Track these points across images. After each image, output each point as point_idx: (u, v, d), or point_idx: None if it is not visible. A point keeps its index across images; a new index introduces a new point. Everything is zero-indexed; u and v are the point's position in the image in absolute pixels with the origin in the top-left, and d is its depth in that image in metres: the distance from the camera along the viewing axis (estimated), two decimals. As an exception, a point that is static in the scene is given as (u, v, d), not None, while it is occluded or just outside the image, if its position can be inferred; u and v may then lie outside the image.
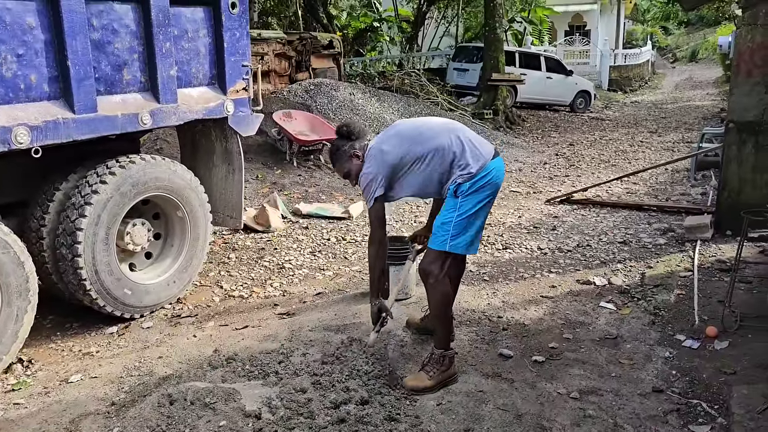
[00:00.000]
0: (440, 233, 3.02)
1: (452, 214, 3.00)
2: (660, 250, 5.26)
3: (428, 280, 3.07)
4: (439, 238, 3.03)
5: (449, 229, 3.00)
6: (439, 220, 3.06)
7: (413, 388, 3.04)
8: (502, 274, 4.79)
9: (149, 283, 4.09)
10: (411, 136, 3.09)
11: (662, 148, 11.00)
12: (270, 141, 8.80)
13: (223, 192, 4.75)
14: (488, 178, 3.02)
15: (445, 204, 3.06)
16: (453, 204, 3.01)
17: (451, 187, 3.03)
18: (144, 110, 3.81)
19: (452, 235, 3.00)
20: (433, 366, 3.09)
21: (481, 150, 3.09)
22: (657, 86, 26.28)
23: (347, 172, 3.20)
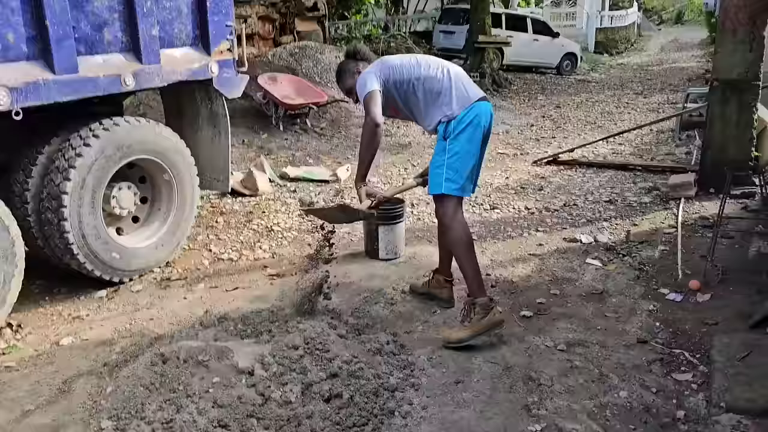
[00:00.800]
0: (435, 177, 3.10)
1: (443, 156, 3.07)
2: (645, 208, 5.32)
3: (441, 227, 3.23)
4: (435, 181, 3.10)
5: (442, 172, 3.06)
6: (432, 165, 3.14)
7: (446, 338, 3.06)
8: (490, 233, 4.82)
9: (137, 247, 4.08)
10: (405, 59, 3.22)
11: (647, 109, 11.02)
12: (255, 105, 8.68)
13: (210, 155, 4.71)
14: (472, 117, 3.06)
15: (436, 147, 3.15)
16: (442, 147, 3.08)
17: (440, 129, 3.09)
18: (126, 71, 3.74)
19: (446, 178, 3.06)
20: (466, 316, 3.12)
21: (468, 92, 3.13)
22: (643, 48, 26.18)
23: (350, 88, 3.28)
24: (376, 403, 2.55)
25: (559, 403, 2.64)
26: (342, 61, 3.39)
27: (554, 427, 2.48)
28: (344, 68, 3.33)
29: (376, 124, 3.02)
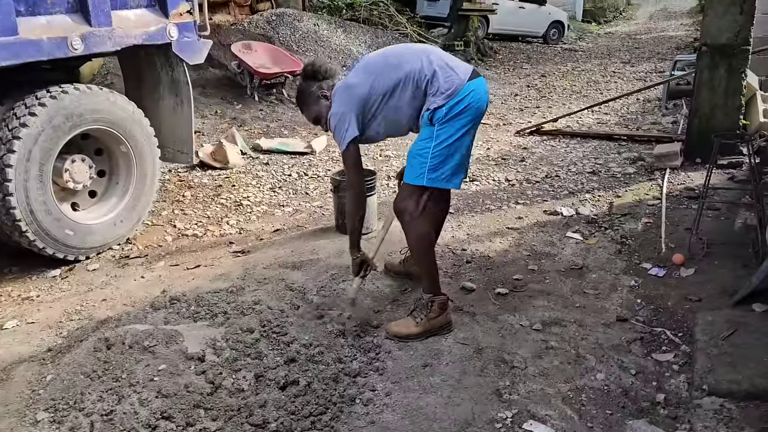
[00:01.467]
0: (416, 165, 2.72)
1: (429, 143, 2.69)
2: (629, 179, 5.15)
3: (404, 218, 2.79)
4: (415, 170, 2.73)
5: (426, 161, 2.69)
6: (413, 151, 2.75)
7: (396, 334, 2.81)
8: (468, 206, 4.63)
9: (93, 224, 3.85)
10: (378, 67, 2.77)
11: (634, 78, 10.81)
12: (230, 75, 8.39)
13: (172, 126, 4.45)
14: (468, 101, 2.68)
15: (421, 132, 2.76)
16: (429, 132, 2.70)
17: (425, 114, 2.71)
18: (73, 34, 3.47)
19: (430, 168, 2.70)
20: (420, 312, 2.86)
21: (456, 71, 2.74)
22: (631, 17, 25.83)
23: (317, 116, 2.91)
24: (335, 390, 2.38)
25: (532, 387, 2.48)
26: (301, 84, 2.94)
27: (526, 413, 2.32)
28: (306, 92, 2.89)
29: (360, 191, 2.91)
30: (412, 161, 2.76)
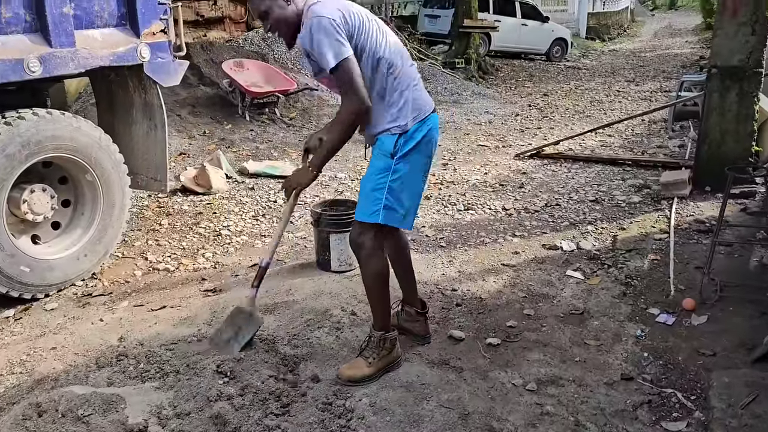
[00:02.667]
0: (370, 201, 2.48)
1: (385, 178, 2.46)
2: (634, 209, 4.84)
3: (360, 253, 2.57)
4: (369, 207, 2.49)
5: (381, 197, 2.45)
6: (368, 185, 2.50)
7: (350, 378, 2.58)
8: (462, 238, 4.33)
9: (53, 258, 3.56)
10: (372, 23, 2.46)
11: (639, 97, 10.53)
12: (222, 93, 8.14)
13: (146, 151, 4.16)
14: (428, 133, 2.49)
15: (374, 164, 2.50)
16: (386, 165, 2.46)
17: (385, 141, 2.45)
18: (31, 55, 3.19)
19: (386, 205, 2.47)
20: (372, 351, 2.63)
21: (426, 97, 2.56)
22: (636, 34, 25.67)
23: (265, 11, 2.38)
24: (298, 469, 2.07)
25: (524, 463, 2.16)
26: None
27: (516, 499, 2.00)
28: None
29: (366, 107, 2.38)
30: (366, 197, 2.51)
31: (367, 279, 2.63)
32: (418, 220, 4.67)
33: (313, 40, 2.29)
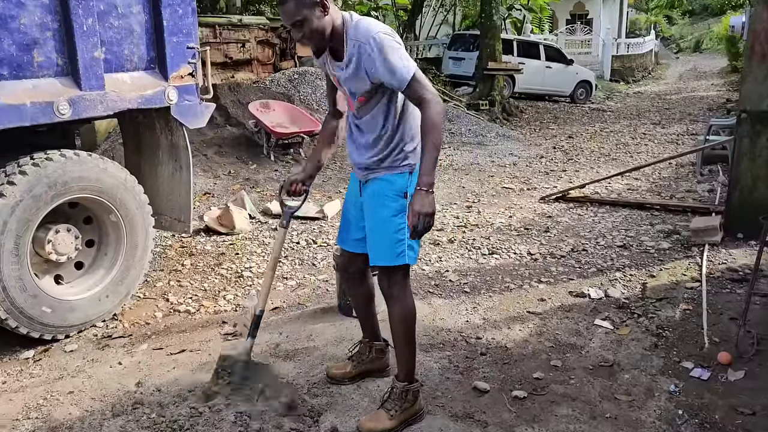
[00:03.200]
0: (393, 244, 2.45)
1: (402, 218, 2.44)
2: (664, 255, 4.71)
3: (393, 298, 2.54)
4: (393, 250, 2.46)
5: (404, 238, 2.44)
6: (387, 228, 2.45)
7: (371, 430, 2.51)
8: (486, 284, 4.24)
9: (75, 299, 3.55)
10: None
11: (666, 140, 10.42)
12: (248, 133, 8.24)
13: (170, 192, 4.18)
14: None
15: (387, 205, 2.46)
16: (401, 206, 2.45)
17: (398, 180, 2.45)
18: (61, 98, 3.25)
19: (410, 245, 2.47)
20: (395, 403, 2.55)
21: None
22: (660, 76, 25.64)
23: (302, 20, 2.25)
24: None
25: None
26: None
27: None
28: None
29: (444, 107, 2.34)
30: (388, 239, 2.46)
31: (398, 324, 2.57)
32: (441, 265, 4.61)
33: (383, 54, 2.25)
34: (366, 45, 2.27)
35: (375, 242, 2.51)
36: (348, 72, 2.37)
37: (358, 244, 2.68)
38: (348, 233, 2.73)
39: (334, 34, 2.35)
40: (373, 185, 2.52)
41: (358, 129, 2.53)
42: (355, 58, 2.31)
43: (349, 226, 2.72)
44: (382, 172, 2.49)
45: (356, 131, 2.55)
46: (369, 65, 2.28)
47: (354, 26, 2.33)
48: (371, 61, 2.27)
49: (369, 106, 2.44)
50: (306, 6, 2.24)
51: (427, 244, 5.06)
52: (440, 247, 5.02)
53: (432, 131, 2.27)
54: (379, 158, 2.47)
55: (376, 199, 2.51)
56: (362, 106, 2.45)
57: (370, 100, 2.41)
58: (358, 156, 2.55)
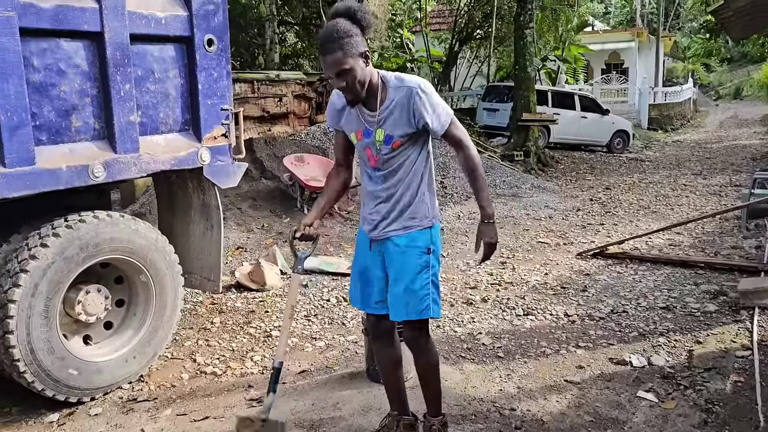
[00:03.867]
0: (419, 299, 2.54)
1: (426, 274, 2.55)
2: (710, 319, 4.47)
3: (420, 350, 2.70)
4: (419, 304, 2.54)
5: (428, 293, 2.55)
6: (413, 285, 2.53)
7: None
8: (521, 348, 4.07)
9: (102, 361, 3.52)
10: None
11: (708, 192, 10.13)
12: (282, 187, 8.32)
13: (201, 251, 4.19)
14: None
15: (411, 262, 2.54)
16: (424, 262, 2.55)
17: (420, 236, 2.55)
18: (96, 161, 3.30)
19: (434, 299, 2.58)
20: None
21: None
22: (700, 125, 25.26)
23: (349, 69, 2.33)
24: None
25: None
26: (340, 23, 2.32)
27: None
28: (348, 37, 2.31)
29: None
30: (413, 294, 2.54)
31: (428, 371, 2.73)
32: (474, 326, 4.46)
33: (430, 99, 2.43)
34: (415, 89, 2.42)
35: (401, 298, 2.55)
36: (388, 116, 2.46)
37: (382, 305, 2.68)
38: (370, 296, 2.71)
39: (371, 85, 2.45)
40: (396, 242, 2.56)
41: (382, 181, 2.56)
42: (400, 103, 2.43)
43: (370, 287, 2.70)
44: (403, 231, 2.55)
45: (377, 184, 2.58)
46: (416, 108, 2.42)
47: (394, 77, 2.49)
48: (419, 104, 2.41)
49: (398, 157, 2.51)
50: (352, 56, 2.34)
51: (460, 303, 4.94)
52: (473, 306, 4.88)
53: (478, 167, 2.53)
54: (402, 212, 2.54)
55: (400, 256, 2.56)
56: (389, 158, 2.51)
57: (403, 147, 2.49)
58: (376, 211, 2.59)
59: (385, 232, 2.57)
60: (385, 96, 2.46)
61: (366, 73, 2.41)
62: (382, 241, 2.60)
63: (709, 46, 38.06)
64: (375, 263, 2.65)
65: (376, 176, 2.57)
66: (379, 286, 2.66)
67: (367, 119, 2.51)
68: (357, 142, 2.58)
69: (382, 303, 2.67)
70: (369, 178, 2.61)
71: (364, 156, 2.59)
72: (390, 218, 2.55)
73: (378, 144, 2.50)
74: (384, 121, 2.47)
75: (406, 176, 2.53)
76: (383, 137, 2.48)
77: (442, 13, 23.40)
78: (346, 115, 2.59)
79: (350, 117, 2.57)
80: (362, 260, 2.71)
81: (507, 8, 18.06)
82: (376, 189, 2.58)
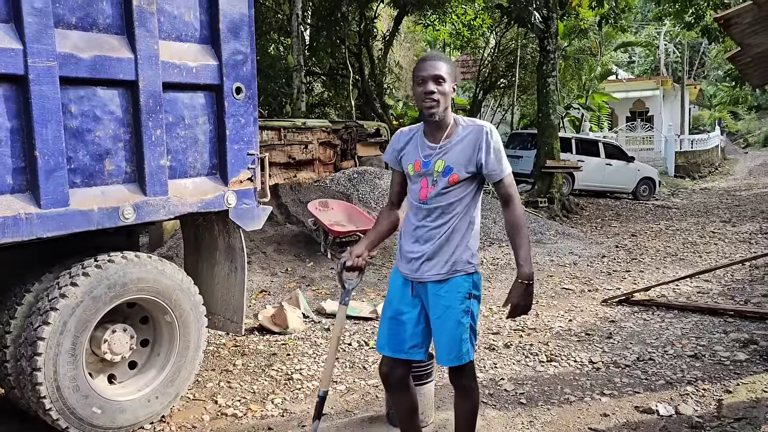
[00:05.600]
0: (461, 343, 2.59)
1: (466, 319, 2.58)
2: (740, 368, 4.36)
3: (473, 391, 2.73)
4: (461, 348, 2.59)
5: (467, 337, 2.60)
6: (459, 330, 2.57)
7: None
8: (544, 395, 4.01)
9: (125, 400, 3.56)
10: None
11: (737, 239, 9.97)
12: (306, 231, 8.42)
13: (225, 293, 4.25)
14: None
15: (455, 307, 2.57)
16: (465, 307, 2.58)
17: (462, 282, 2.57)
18: (126, 203, 3.41)
19: (472, 343, 2.63)
20: None
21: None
22: (728, 172, 25.00)
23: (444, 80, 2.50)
24: None
25: None
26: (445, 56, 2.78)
27: None
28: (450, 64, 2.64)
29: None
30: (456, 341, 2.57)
31: (469, 414, 2.73)
32: (497, 372, 4.41)
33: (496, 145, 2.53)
34: (486, 129, 2.53)
35: (443, 343, 2.59)
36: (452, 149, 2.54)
37: (414, 350, 2.68)
38: (402, 341, 2.66)
39: (445, 116, 2.56)
40: (438, 285, 2.57)
41: (428, 218, 2.58)
42: (468, 138, 2.53)
43: (403, 332, 2.66)
44: (445, 275, 2.56)
45: (424, 220, 2.59)
46: (481, 146, 2.50)
47: (467, 119, 2.62)
48: (486, 144, 2.50)
49: (451, 195, 2.54)
50: (451, 74, 2.55)
51: (482, 348, 4.89)
52: (496, 352, 4.83)
53: (523, 226, 2.55)
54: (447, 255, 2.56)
55: (442, 300, 2.57)
56: (444, 193, 2.54)
57: (459, 185, 2.53)
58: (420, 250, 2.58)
59: (428, 274, 2.58)
60: (452, 132, 2.56)
61: (450, 98, 2.54)
62: (422, 283, 2.61)
63: (735, 94, 37.92)
64: (410, 307, 2.65)
65: (424, 210, 2.58)
66: (413, 330, 2.65)
67: (428, 151, 2.58)
68: (414, 173, 2.61)
69: (416, 348, 2.67)
70: (415, 213, 2.63)
71: (416, 188, 2.61)
72: (434, 260, 2.56)
73: (436, 175, 2.54)
74: (447, 153, 2.53)
75: (456, 219, 2.55)
76: (443, 168, 2.53)
77: (466, 63, 23.86)
78: (408, 149, 2.65)
79: (411, 149, 2.64)
80: (396, 304, 2.69)
81: (530, 58, 18.38)
82: (422, 225, 2.59)
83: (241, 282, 4.16)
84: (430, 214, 2.57)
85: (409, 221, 2.65)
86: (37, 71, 2.98)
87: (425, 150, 2.58)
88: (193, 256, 4.44)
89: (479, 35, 19.60)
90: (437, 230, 2.55)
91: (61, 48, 3.08)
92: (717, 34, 15.71)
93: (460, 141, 2.53)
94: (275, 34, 17.04)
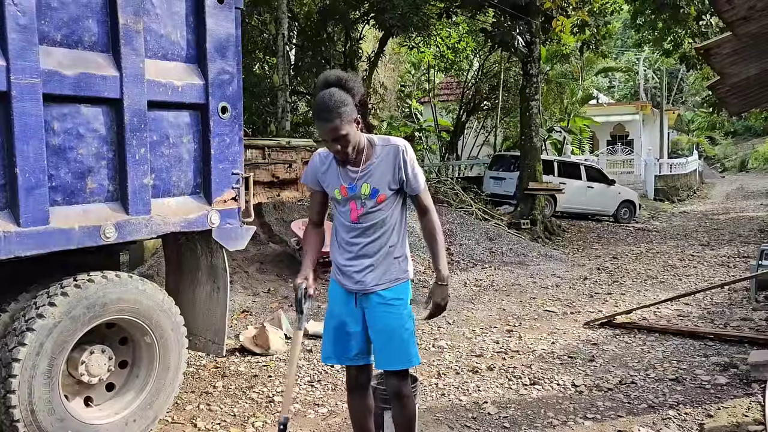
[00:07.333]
0: (409, 347, 2.72)
1: (410, 323, 2.75)
2: (721, 392, 4.38)
3: (407, 400, 2.78)
4: (409, 352, 2.72)
5: (413, 341, 2.73)
6: (404, 334, 2.70)
7: None
8: (527, 419, 3.99)
9: (102, 423, 3.48)
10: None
11: (716, 263, 10.09)
12: (289, 251, 8.37)
13: (206, 313, 4.19)
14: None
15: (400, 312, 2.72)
16: (408, 312, 2.76)
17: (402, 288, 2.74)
18: (108, 222, 3.37)
19: (415, 348, 2.76)
20: None
21: None
22: (706, 196, 25.41)
23: (345, 134, 2.51)
24: None
25: None
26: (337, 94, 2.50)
27: None
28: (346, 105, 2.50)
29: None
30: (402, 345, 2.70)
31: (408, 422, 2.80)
32: (480, 395, 4.39)
33: (412, 162, 2.67)
34: (401, 147, 2.66)
35: (390, 348, 2.70)
36: (374, 171, 2.65)
37: (360, 357, 2.80)
38: (348, 349, 2.79)
39: (358, 143, 2.65)
40: (383, 294, 2.69)
41: (363, 235, 2.70)
42: (387, 159, 2.65)
43: (347, 341, 2.78)
44: (389, 284, 2.70)
45: (358, 238, 2.70)
46: (400, 164, 2.64)
47: (380, 138, 2.71)
48: (403, 162, 2.64)
49: (381, 212, 2.66)
50: (349, 123, 2.54)
51: (465, 371, 4.87)
52: (479, 375, 4.81)
53: (439, 232, 2.77)
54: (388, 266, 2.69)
55: (386, 308, 2.70)
56: (373, 212, 2.66)
57: (387, 202, 2.67)
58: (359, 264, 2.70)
59: (372, 285, 2.70)
60: (370, 154, 2.66)
61: (358, 136, 2.61)
62: (366, 294, 2.71)
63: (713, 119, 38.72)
64: (354, 318, 2.76)
65: (358, 229, 2.70)
66: (358, 338, 2.77)
67: (350, 175, 2.67)
68: (341, 197, 2.71)
69: (362, 355, 2.80)
70: (348, 231, 2.75)
71: (345, 210, 2.73)
72: (376, 271, 2.69)
73: (364, 197, 2.66)
74: (371, 176, 2.65)
75: (390, 232, 2.70)
76: (369, 191, 2.65)
77: (450, 85, 24.10)
78: (329, 175, 2.75)
79: (332, 175, 2.73)
80: (339, 316, 2.81)
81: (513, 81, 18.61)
82: (357, 242, 2.71)
83: (223, 302, 4.11)
84: (365, 231, 2.70)
85: (341, 237, 2.79)
86: (20, 88, 2.95)
87: (348, 175, 2.68)
88: (174, 275, 4.38)
89: (463, 58, 19.84)
90: (373, 244, 2.69)
91: (45, 65, 3.05)
92: (695, 62, 16.07)
93: (380, 162, 2.65)
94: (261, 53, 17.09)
